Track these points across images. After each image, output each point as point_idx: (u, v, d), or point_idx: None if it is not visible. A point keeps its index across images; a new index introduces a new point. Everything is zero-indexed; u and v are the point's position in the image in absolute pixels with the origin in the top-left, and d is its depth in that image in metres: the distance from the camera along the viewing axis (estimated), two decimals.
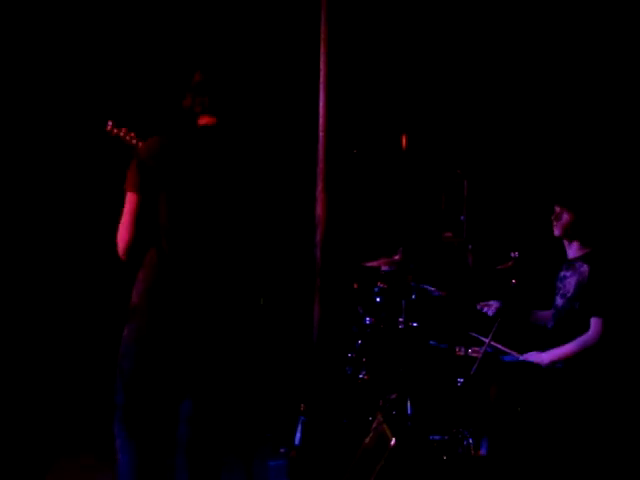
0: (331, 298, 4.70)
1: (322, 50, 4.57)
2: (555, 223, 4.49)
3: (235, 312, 3.29)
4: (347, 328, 4.85)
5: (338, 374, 4.76)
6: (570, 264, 4.50)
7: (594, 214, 4.45)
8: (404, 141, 5.71)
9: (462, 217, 5.06)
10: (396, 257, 4.78)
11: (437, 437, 4.20)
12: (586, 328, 4.25)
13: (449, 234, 5.04)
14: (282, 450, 5.00)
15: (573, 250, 4.50)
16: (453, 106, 5.99)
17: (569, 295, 4.42)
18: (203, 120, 3.35)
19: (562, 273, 4.54)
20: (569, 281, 4.46)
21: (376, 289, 4.87)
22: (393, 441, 3.90)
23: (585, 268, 4.38)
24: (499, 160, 5.83)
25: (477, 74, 5.90)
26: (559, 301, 4.49)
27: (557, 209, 4.47)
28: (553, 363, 4.28)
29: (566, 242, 4.53)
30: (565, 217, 4.46)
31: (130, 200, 3.14)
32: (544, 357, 4.32)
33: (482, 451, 4.20)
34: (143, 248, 3.20)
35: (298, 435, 4.72)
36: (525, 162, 5.77)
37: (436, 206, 5.44)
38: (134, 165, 3.16)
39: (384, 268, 4.86)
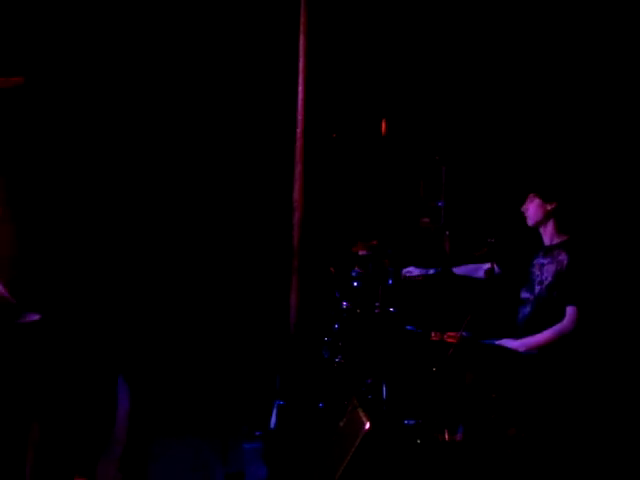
0: (308, 282, 4.69)
1: (301, 33, 4.54)
2: (525, 214, 4.52)
3: None
4: (324, 312, 4.85)
5: (315, 358, 4.76)
6: (547, 251, 4.51)
7: (558, 192, 4.46)
8: (384, 126, 5.70)
9: (440, 203, 5.08)
10: (374, 242, 4.79)
11: (412, 422, 4.21)
12: (563, 316, 4.28)
13: (427, 220, 5.06)
14: (257, 433, 5.02)
15: (548, 236, 4.51)
16: (433, 92, 5.98)
17: (547, 283, 4.42)
18: None
19: (539, 260, 4.55)
20: (547, 268, 4.46)
21: (353, 273, 4.87)
22: (367, 425, 3.91)
23: (564, 257, 4.39)
24: (477, 147, 5.84)
25: (456, 60, 5.89)
26: (536, 288, 4.49)
27: (527, 200, 4.51)
28: (528, 350, 4.30)
29: (541, 229, 4.54)
30: (531, 205, 4.48)
31: None
32: (519, 345, 4.33)
33: (458, 436, 4.22)
34: None
35: (274, 418, 4.74)
36: (503, 149, 5.77)
37: (414, 192, 5.44)
38: None
39: (362, 253, 4.86)
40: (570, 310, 4.25)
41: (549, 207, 4.45)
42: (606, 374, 4.46)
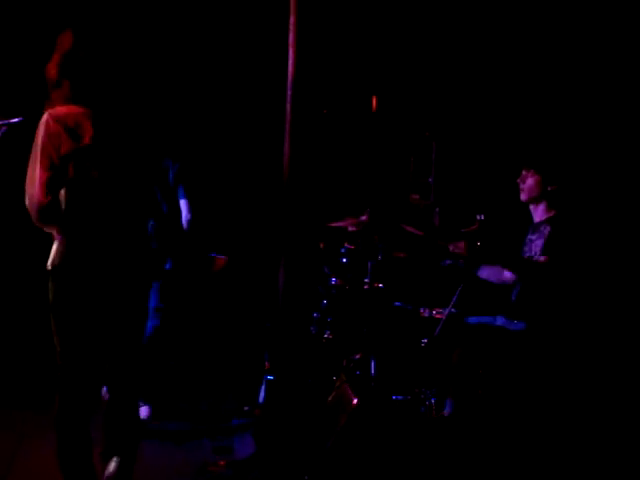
0: (297, 258, 4.68)
1: (292, 8, 4.50)
2: (521, 186, 4.51)
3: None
4: (313, 288, 4.85)
5: (303, 334, 4.77)
6: (536, 227, 4.52)
7: (560, 176, 4.46)
8: (374, 103, 5.68)
9: (430, 179, 5.07)
10: (363, 218, 4.78)
11: (400, 397, 4.23)
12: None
13: (416, 196, 5.05)
14: (246, 408, 5.03)
15: (539, 214, 4.52)
16: (423, 69, 5.96)
17: (535, 258, 4.45)
18: None
19: (528, 237, 4.56)
20: (535, 244, 4.48)
21: (342, 250, 4.87)
22: (355, 401, 3.93)
23: (548, 229, 4.40)
24: (467, 123, 5.83)
25: (446, 37, 5.88)
26: None
27: (523, 172, 4.49)
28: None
29: (532, 206, 4.55)
30: (530, 180, 4.47)
31: None
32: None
33: (446, 411, 4.24)
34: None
35: (262, 394, 4.75)
36: (493, 125, 5.77)
37: (404, 168, 5.44)
38: None
39: (351, 229, 4.86)
40: (541, 258, 4.30)
41: (549, 188, 4.45)
42: (592, 350, 4.49)
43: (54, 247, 3.33)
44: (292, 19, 4.54)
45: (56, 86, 3.23)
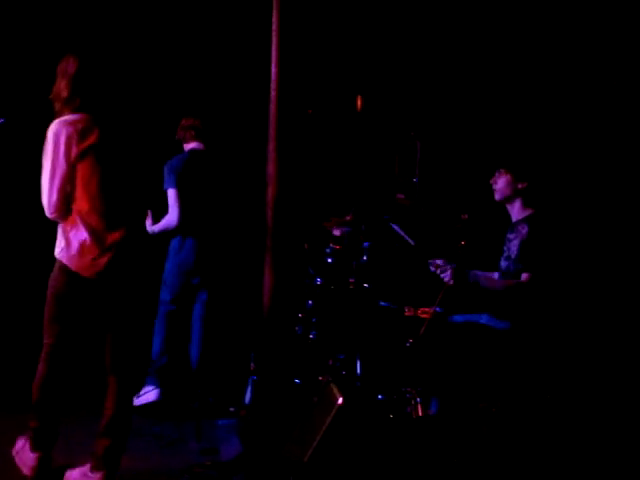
0: (282, 259, 4.68)
1: (275, 6, 4.50)
2: (494, 187, 4.53)
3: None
4: (298, 289, 4.85)
5: (288, 334, 4.77)
6: (513, 226, 4.54)
7: (529, 173, 4.47)
8: (359, 102, 5.68)
9: (415, 179, 5.09)
10: (348, 218, 4.79)
11: (385, 397, 4.23)
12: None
13: (401, 196, 5.06)
14: (232, 409, 5.03)
15: (515, 212, 4.53)
16: (408, 69, 5.97)
17: (513, 257, 4.46)
18: None
19: (507, 236, 4.58)
20: (513, 243, 4.50)
21: (328, 250, 4.87)
22: (340, 400, 3.93)
23: (526, 229, 4.42)
24: (452, 122, 5.84)
25: (431, 37, 5.89)
26: (503, 263, 4.53)
27: (496, 173, 4.52)
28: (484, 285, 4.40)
29: (508, 206, 4.56)
30: (501, 180, 4.49)
31: None
32: (471, 274, 4.41)
33: (431, 410, 4.24)
34: None
35: (248, 394, 4.75)
36: (477, 124, 5.78)
37: (389, 167, 5.44)
38: None
39: (336, 229, 4.86)
40: (524, 276, 4.31)
41: (519, 186, 4.46)
42: (575, 349, 4.50)
43: (62, 237, 3.80)
44: (275, 18, 4.55)
45: (68, 103, 3.79)
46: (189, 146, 5.38)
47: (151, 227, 5.29)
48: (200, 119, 5.36)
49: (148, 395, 5.28)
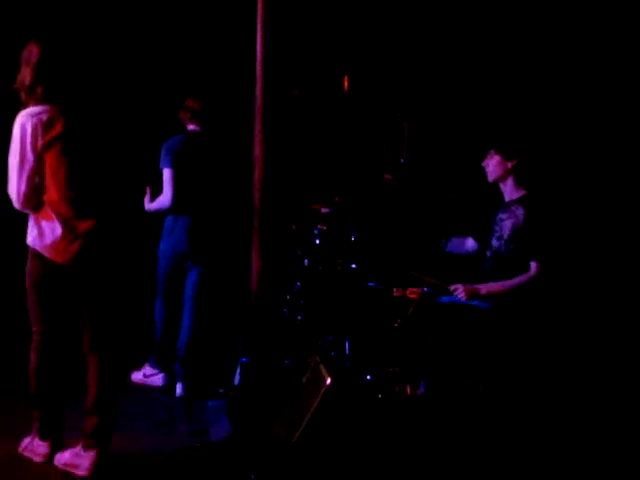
0: (269, 240, 4.69)
1: None
2: (486, 169, 4.53)
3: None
4: (285, 270, 4.85)
5: (276, 316, 4.78)
6: (506, 206, 4.53)
7: (519, 150, 4.48)
8: (346, 83, 5.67)
9: (402, 159, 5.08)
10: (336, 199, 4.78)
11: (374, 377, 4.24)
12: (522, 270, 4.32)
13: (389, 176, 5.06)
14: (221, 390, 5.04)
15: (508, 192, 4.53)
16: (395, 49, 5.95)
17: (505, 237, 4.47)
18: None
19: (499, 215, 4.58)
20: (505, 223, 4.50)
21: (315, 231, 4.86)
22: (329, 380, 3.94)
23: (521, 211, 4.42)
24: (439, 103, 5.83)
25: (418, 16, 5.86)
26: (495, 243, 4.53)
27: (487, 156, 4.52)
28: (488, 295, 4.36)
29: (501, 185, 4.56)
30: (492, 161, 4.49)
31: None
32: (481, 287, 4.38)
33: (420, 391, 4.26)
34: None
35: (237, 376, 4.75)
36: (465, 105, 5.77)
37: (377, 148, 5.44)
38: None
39: (324, 210, 4.86)
40: (533, 265, 4.30)
41: (509, 165, 4.47)
42: (562, 328, 4.52)
43: (35, 226, 3.86)
44: None
45: (30, 91, 3.76)
46: (189, 127, 5.39)
47: (148, 205, 5.33)
48: (201, 101, 5.34)
49: (154, 379, 5.36)
